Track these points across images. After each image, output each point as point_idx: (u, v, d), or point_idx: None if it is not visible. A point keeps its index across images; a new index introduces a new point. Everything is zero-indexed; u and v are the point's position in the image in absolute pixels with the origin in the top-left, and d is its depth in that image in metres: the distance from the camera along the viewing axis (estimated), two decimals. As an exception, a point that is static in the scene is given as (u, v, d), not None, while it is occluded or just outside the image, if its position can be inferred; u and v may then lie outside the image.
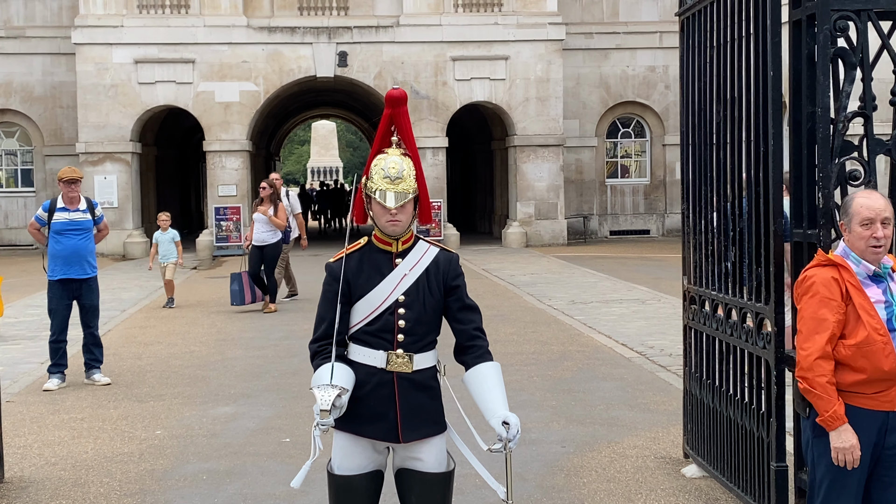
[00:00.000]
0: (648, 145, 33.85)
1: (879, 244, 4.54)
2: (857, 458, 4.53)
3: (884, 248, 4.58)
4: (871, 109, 5.47)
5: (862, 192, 4.82)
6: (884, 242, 4.56)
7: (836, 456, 4.55)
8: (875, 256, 4.57)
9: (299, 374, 11.03)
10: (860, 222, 4.56)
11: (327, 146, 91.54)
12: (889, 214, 4.58)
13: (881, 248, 4.56)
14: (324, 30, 29.87)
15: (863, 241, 4.56)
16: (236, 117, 29.76)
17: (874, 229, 4.54)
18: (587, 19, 32.92)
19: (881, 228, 4.54)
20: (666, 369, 11.10)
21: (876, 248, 4.55)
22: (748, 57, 6.13)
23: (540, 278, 21.11)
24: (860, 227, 4.56)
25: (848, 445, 4.52)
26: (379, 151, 4.50)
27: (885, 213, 4.57)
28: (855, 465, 4.53)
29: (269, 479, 7.30)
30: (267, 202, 16.64)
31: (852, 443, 4.52)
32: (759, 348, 5.99)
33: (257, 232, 16.54)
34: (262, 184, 16.95)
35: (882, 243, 4.55)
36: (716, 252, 6.79)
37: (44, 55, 31.53)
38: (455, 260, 4.56)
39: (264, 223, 16.53)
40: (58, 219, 10.80)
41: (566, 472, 7.36)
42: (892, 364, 4.47)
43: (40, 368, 11.67)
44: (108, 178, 29.20)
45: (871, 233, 4.53)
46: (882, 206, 4.59)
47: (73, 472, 7.56)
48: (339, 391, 4.16)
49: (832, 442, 4.55)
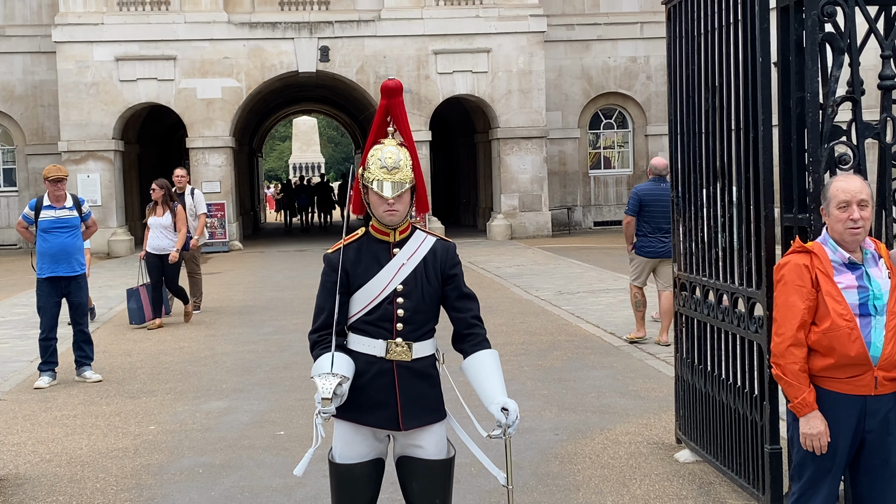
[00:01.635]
0: (631, 136, 33.93)
1: (857, 226, 4.59)
2: (824, 445, 4.60)
3: (862, 230, 4.61)
4: (859, 94, 5.54)
5: (840, 175, 4.88)
6: (861, 224, 4.60)
7: (805, 442, 4.63)
8: (853, 238, 4.61)
9: (291, 368, 11.05)
10: (837, 205, 4.62)
11: (309, 142, 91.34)
12: (865, 196, 4.62)
13: (859, 230, 4.60)
14: (305, 25, 29.83)
15: (840, 223, 4.61)
16: (219, 114, 29.71)
17: (850, 211, 4.59)
18: (568, 11, 32.96)
19: (857, 210, 4.59)
20: (655, 356, 11.16)
21: (854, 230, 4.59)
22: (736, 43, 6.18)
23: (526, 270, 21.16)
24: (837, 210, 4.61)
25: (815, 432, 4.59)
26: (375, 142, 4.53)
27: (860, 194, 4.61)
28: (823, 451, 4.61)
29: (265, 471, 7.32)
30: (162, 206, 14.68)
31: (820, 429, 4.58)
32: (751, 332, 6.05)
33: (154, 238, 14.52)
34: (153, 185, 14.97)
35: (859, 225, 4.59)
36: (706, 238, 6.84)
37: (24, 54, 31.39)
38: (452, 249, 4.60)
39: (161, 228, 14.56)
40: (44, 217, 10.78)
41: (560, 460, 7.41)
42: (858, 349, 4.53)
43: (30, 367, 11.65)
44: (91, 177, 29.12)
45: (848, 215, 4.59)
46: (858, 188, 4.63)
47: (69, 469, 7.56)
48: (339, 379, 4.19)
49: (801, 428, 4.64)
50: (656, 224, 11.85)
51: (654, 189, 11.98)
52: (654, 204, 11.83)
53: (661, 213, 11.63)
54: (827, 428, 4.60)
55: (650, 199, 11.91)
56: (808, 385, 4.62)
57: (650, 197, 11.93)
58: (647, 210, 11.93)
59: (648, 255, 12.01)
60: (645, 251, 12.03)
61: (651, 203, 11.89)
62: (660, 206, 11.67)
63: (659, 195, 11.78)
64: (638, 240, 12.07)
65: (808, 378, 4.63)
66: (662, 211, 11.51)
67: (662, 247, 11.72)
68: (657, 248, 11.88)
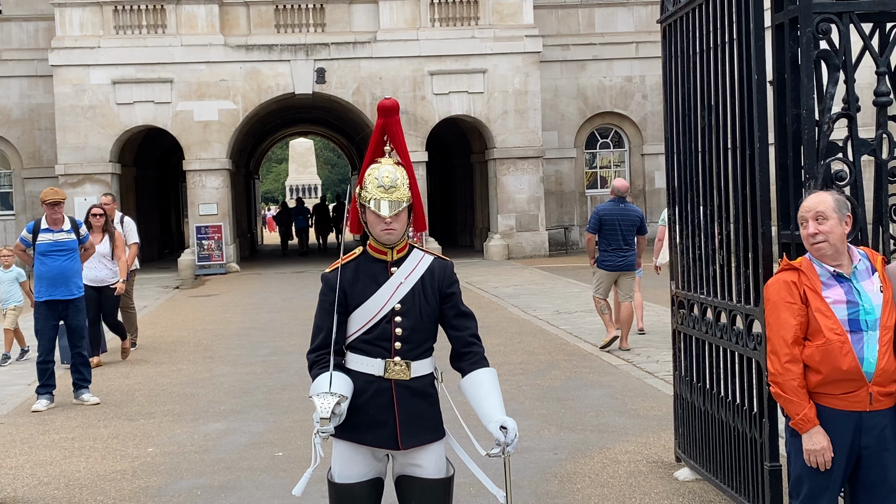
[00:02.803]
0: (627, 155, 33.99)
1: (816, 240, 4.62)
2: (828, 460, 4.59)
3: (825, 244, 4.62)
4: (854, 110, 5.55)
5: (809, 194, 4.90)
6: (821, 238, 4.62)
7: (808, 458, 4.63)
8: (818, 252, 4.64)
9: (289, 390, 11.03)
10: (800, 222, 4.69)
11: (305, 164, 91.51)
12: (823, 209, 4.64)
13: (820, 244, 4.62)
14: (301, 47, 29.91)
15: (805, 240, 4.65)
16: (215, 136, 29.75)
17: (807, 226, 4.64)
18: (563, 31, 33.07)
19: (813, 224, 4.63)
20: (653, 375, 11.15)
21: (815, 245, 4.63)
22: (731, 61, 6.20)
23: (523, 290, 21.16)
24: (802, 227, 4.67)
25: (819, 447, 4.58)
26: (372, 161, 4.54)
27: (817, 207, 4.65)
28: (827, 466, 4.60)
29: (263, 492, 7.30)
30: (97, 232, 12.99)
31: (823, 445, 4.58)
32: (749, 349, 6.04)
33: (90, 269, 12.61)
34: (93, 209, 13.29)
35: (819, 239, 4.62)
36: (703, 256, 6.84)
37: (21, 77, 31.45)
38: (450, 267, 4.60)
39: (99, 257, 12.84)
40: (42, 240, 10.78)
41: (559, 479, 7.39)
42: (849, 363, 4.53)
43: (28, 390, 11.63)
44: (88, 200, 29.00)
45: (806, 230, 4.63)
46: (814, 202, 4.68)
47: (67, 491, 7.53)
48: (338, 399, 4.18)
49: (804, 444, 4.63)
50: (615, 241, 12.92)
51: (613, 209, 13.03)
52: (614, 222, 12.93)
53: (619, 230, 12.90)
54: (829, 443, 4.59)
55: (609, 218, 12.96)
56: (807, 401, 4.62)
57: (610, 216, 12.98)
58: (607, 228, 12.95)
59: (609, 269, 13.01)
60: (606, 265, 13.01)
61: (610, 221, 12.94)
62: (619, 225, 12.89)
63: (618, 214, 12.96)
64: (600, 255, 13.08)
65: (808, 394, 4.63)
66: (621, 229, 12.88)
67: (621, 261, 12.96)
68: (616, 263, 12.97)
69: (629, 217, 13.03)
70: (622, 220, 12.91)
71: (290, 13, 30.30)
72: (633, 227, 13.02)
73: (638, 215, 13.15)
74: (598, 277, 13.12)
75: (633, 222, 13.03)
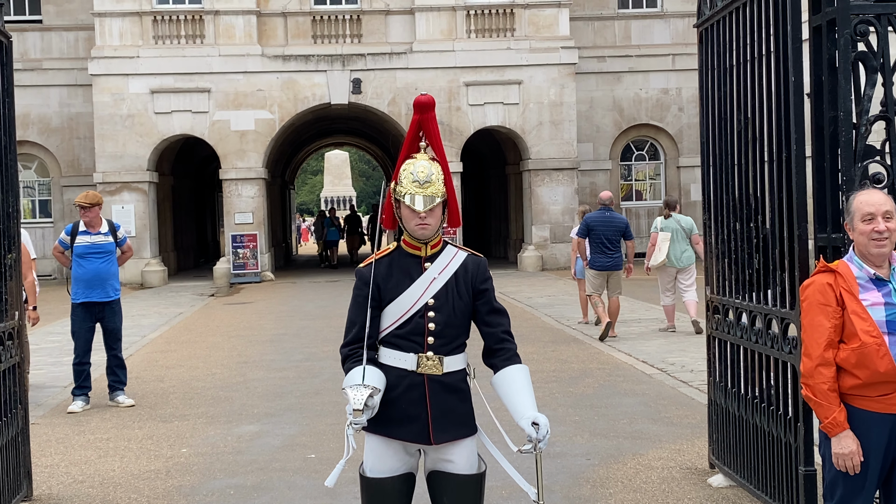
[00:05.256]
0: (663, 168, 33.86)
1: (882, 237, 4.58)
2: (857, 465, 4.56)
3: (888, 242, 4.60)
4: (892, 113, 5.52)
5: (862, 190, 4.86)
6: (887, 235, 4.58)
7: (837, 462, 4.60)
8: (879, 250, 4.59)
9: (322, 394, 11.06)
10: (861, 218, 4.62)
11: (340, 175, 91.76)
12: (890, 208, 4.62)
13: (885, 242, 4.59)
14: (338, 57, 30.05)
15: (864, 235, 4.60)
16: (252, 145, 29.93)
17: (875, 223, 4.59)
18: (599, 43, 33.01)
19: (882, 222, 4.58)
20: (688, 384, 11.09)
21: (879, 242, 4.58)
22: (769, 64, 6.18)
23: (557, 300, 21.11)
24: (862, 223, 4.61)
25: (847, 451, 4.55)
26: (407, 157, 4.55)
27: (885, 206, 4.62)
28: (856, 470, 4.56)
29: (296, 493, 7.32)
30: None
31: (852, 449, 4.55)
32: (784, 353, 6.00)
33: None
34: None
35: (885, 236, 4.58)
36: (739, 260, 6.81)
37: (60, 87, 31.77)
38: (483, 264, 4.60)
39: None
40: (80, 242, 10.88)
41: (592, 484, 7.37)
42: (887, 365, 4.49)
43: (64, 392, 11.72)
44: (125, 208, 29.35)
45: (873, 227, 4.58)
46: (882, 200, 4.65)
47: (101, 490, 7.59)
48: (371, 391, 4.19)
49: (833, 448, 4.60)
50: (602, 244, 15.09)
51: (600, 216, 15.30)
52: (600, 228, 15.14)
53: (605, 234, 15.12)
54: (859, 447, 4.55)
55: (596, 224, 15.19)
56: (838, 404, 4.59)
57: (597, 222, 15.21)
58: (595, 233, 15.16)
59: (599, 269, 15.21)
60: (596, 266, 15.22)
61: (597, 227, 15.16)
62: (605, 230, 15.14)
63: (604, 221, 15.22)
64: (591, 257, 15.24)
65: (839, 397, 4.59)
66: (606, 233, 15.11)
67: (609, 261, 15.16)
68: (605, 263, 15.17)
69: (614, 224, 15.27)
70: (608, 227, 15.14)
71: (327, 24, 30.46)
72: (618, 232, 15.20)
73: (623, 222, 15.42)
74: (591, 277, 15.33)
75: (617, 228, 15.24)
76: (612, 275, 15.22)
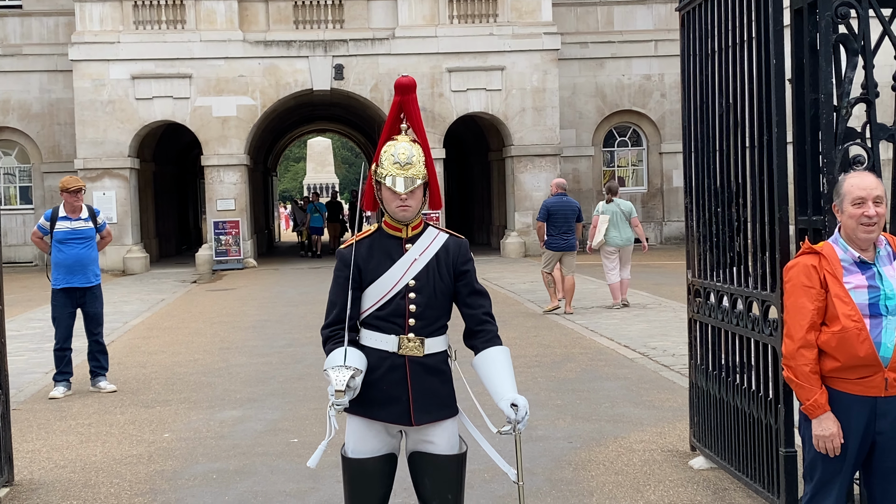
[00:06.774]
0: (645, 154, 33.91)
1: (871, 222, 4.57)
2: (837, 447, 4.57)
3: (877, 227, 4.58)
4: (873, 95, 5.52)
5: (853, 173, 4.86)
6: (876, 220, 4.57)
7: (817, 443, 4.61)
8: (867, 234, 4.57)
9: (305, 379, 11.05)
10: (852, 202, 4.58)
11: (323, 163, 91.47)
12: (880, 193, 4.60)
13: (873, 227, 4.57)
14: (320, 43, 29.95)
15: (853, 219, 4.57)
16: (234, 132, 29.83)
17: (866, 207, 4.56)
18: (582, 28, 33.00)
19: (872, 206, 4.56)
20: (669, 368, 11.13)
21: (868, 227, 4.56)
22: (750, 47, 6.18)
23: (539, 286, 21.04)
24: (852, 206, 4.58)
25: (828, 433, 4.56)
26: (388, 138, 4.54)
27: (875, 191, 4.59)
28: (836, 452, 4.58)
29: (278, 476, 7.32)
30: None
31: (832, 431, 4.56)
32: (765, 335, 6.02)
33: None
34: None
35: (874, 221, 4.57)
36: (720, 243, 6.82)
37: (41, 72, 31.60)
38: (465, 245, 4.60)
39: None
40: (60, 228, 10.82)
41: (574, 466, 7.39)
42: (866, 350, 4.49)
43: (45, 378, 11.68)
44: (106, 194, 29.23)
45: (863, 211, 4.56)
46: (873, 184, 4.62)
47: (83, 474, 7.57)
48: (353, 372, 4.20)
49: (813, 429, 4.61)
50: (560, 227, 16.32)
51: (557, 202, 16.50)
52: (559, 212, 16.36)
53: (562, 218, 16.35)
54: (839, 429, 4.56)
55: (555, 209, 16.38)
56: (819, 386, 4.59)
57: (555, 207, 16.41)
58: (553, 217, 16.34)
59: (555, 249, 16.36)
60: (553, 246, 16.36)
61: (556, 212, 16.36)
62: (562, 214, 16.36)
63: (561, 206, 16.43)
64: (548, 238, 16.38)
65: (820, 379, 4.61)
66: (563, 217, 16.35)
67: (564, 243, 16.32)
68: (560, 244, 16.30)
69: (570, 207, 16.55)
70: (564, 211, 16.38)
71: (309, 9, 30.34)
72: (573, 214, 16.48)
73: (576, 206, 16.67)
74: (547, 257, 16.52)
75: (573, 211, 16.52)
76: (565, 255, 16.34)
